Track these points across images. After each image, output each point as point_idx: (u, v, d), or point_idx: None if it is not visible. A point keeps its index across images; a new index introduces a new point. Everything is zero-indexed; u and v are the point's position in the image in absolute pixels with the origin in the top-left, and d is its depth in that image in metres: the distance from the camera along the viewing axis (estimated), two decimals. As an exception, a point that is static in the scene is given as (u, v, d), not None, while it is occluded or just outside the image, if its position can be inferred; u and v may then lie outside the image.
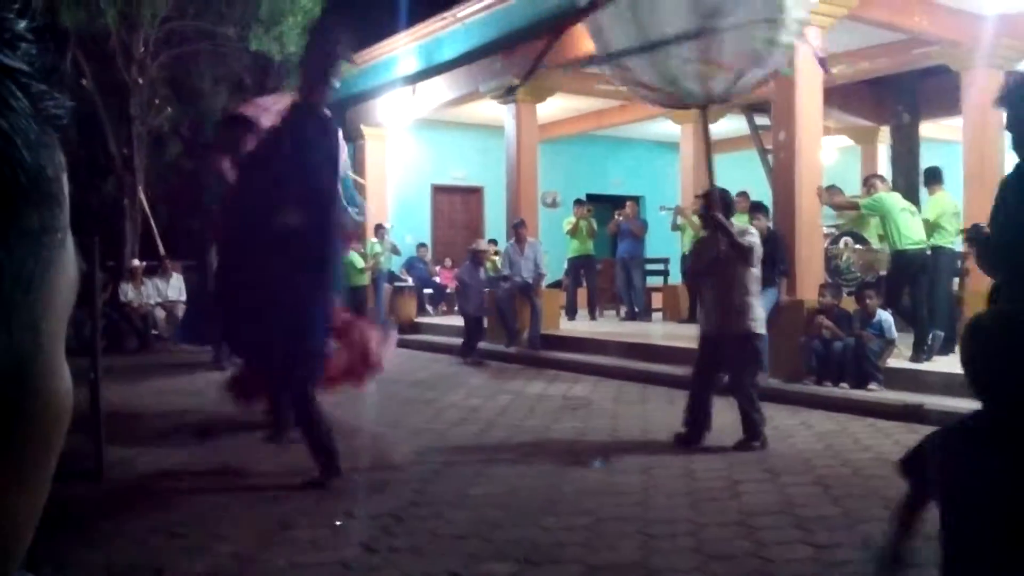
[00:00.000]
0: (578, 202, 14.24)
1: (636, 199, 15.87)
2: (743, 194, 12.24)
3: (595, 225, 13.88)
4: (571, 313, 13.78)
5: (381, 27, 14.83)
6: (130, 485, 4.90)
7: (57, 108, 0.40)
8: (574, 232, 13.73)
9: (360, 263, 13.40)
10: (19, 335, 0.37)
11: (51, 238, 0.39)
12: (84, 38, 13.68)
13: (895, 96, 12.67)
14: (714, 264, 6.10)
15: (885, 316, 7.96)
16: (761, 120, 12.83)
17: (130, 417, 7.15)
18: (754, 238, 6.12)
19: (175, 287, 13.61)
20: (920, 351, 8.07)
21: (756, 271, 6.11)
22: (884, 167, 13.45)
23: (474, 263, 11.45)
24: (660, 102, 6.06)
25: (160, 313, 13.42)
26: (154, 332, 13.19)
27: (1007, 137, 3.22)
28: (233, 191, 5.83)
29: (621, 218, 13.95)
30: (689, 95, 5.34)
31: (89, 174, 14.71)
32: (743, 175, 14.12)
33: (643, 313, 13.69)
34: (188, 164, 15.40)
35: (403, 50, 14.71)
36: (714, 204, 5.97)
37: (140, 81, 14.27)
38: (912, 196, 10.05)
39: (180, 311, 13.77)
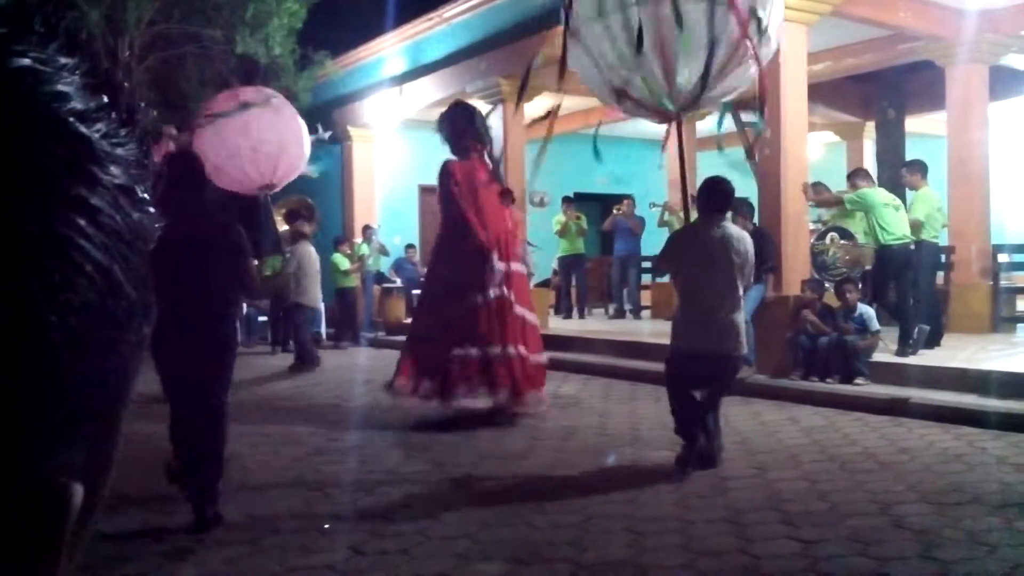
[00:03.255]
0: (566, 200, 14.25)
1: (624, 197, 15.87)
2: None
3: (584, 224, 13.88)
4: (566, 312, 13.82)
5: (368, 28, 14.83)
6: (113, 492, 4.89)
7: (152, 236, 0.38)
8: (563, 232, 13.76)
9: (345, 264, 13.38)
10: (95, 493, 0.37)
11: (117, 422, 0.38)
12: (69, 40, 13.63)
13: (880, 92, 12.73)
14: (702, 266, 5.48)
15: (866, 309, 8.01)
16: (748, 117, 12.85)
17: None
18: None
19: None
20: (906, 345, 8.12)
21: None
22: (870, 162, 13.51)
23: None
24: (638, 114, 6.02)
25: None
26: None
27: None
28: None
29: (619, 213, 13.91)
30: (662, 107, 5.24)
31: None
32: (730, 172, 14.15)
33: (636, 311, 13.69)
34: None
35: (390, 51, 14.71)
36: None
37: (127, 85, 14.22)
38: (898, 191, 10.11)
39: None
